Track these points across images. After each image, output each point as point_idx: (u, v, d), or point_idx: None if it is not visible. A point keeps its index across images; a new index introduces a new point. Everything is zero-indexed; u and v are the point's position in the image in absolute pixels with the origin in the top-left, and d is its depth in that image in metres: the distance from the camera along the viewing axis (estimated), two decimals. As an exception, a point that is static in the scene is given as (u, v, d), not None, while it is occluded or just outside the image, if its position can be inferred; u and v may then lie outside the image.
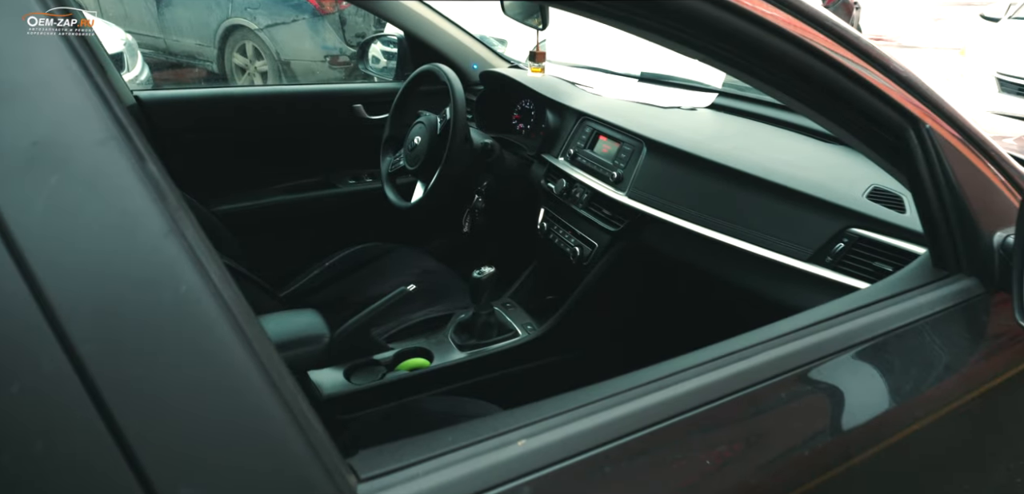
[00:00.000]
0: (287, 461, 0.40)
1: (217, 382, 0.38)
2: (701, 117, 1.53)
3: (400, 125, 1.75)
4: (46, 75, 0.36)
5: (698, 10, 0.63)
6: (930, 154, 0.79)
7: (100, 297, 0.35)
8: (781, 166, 1.21)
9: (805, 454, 0.63)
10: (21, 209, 0.34)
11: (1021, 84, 4.08)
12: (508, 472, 0.47)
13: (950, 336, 0.79)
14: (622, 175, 1.44)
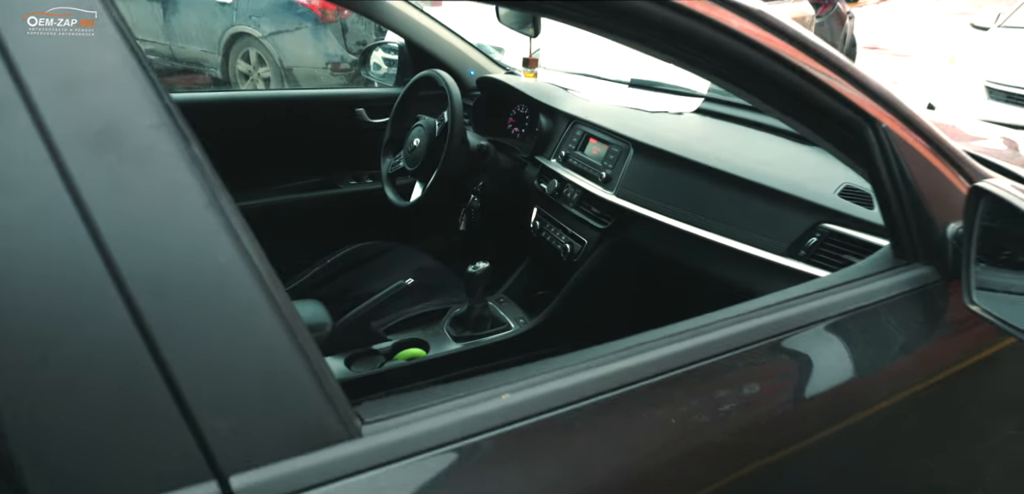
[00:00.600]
0: (305, 404, 0.47)
1: (247, 333, 0.45)
2: (687, 121, 1.61)
3: (400, 128, 1.83)
4: (111, 69, 0.43)
5: (661, 16, 0.70)
6: (887, 151, 0.86)
7: (153, 255, 0.42)
8: (760, 166, 1.28)
9: (764, 421, 0.70)
10: (92, 182, 0.41)
11: (1009, 91, 4.16)
12: (492, 421, 0.54)
13: (906, 319, 0.86)
14: (610, 175, 1.51)
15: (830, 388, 0.76)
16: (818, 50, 0.81)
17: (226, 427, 0.44)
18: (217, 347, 0.44)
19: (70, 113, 0.42)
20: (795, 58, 0.79)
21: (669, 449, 0.63)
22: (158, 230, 0.43)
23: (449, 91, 1.62)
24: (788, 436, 0.72)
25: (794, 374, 0.75)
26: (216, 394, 0.43)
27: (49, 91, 0.41)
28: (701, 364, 0.67)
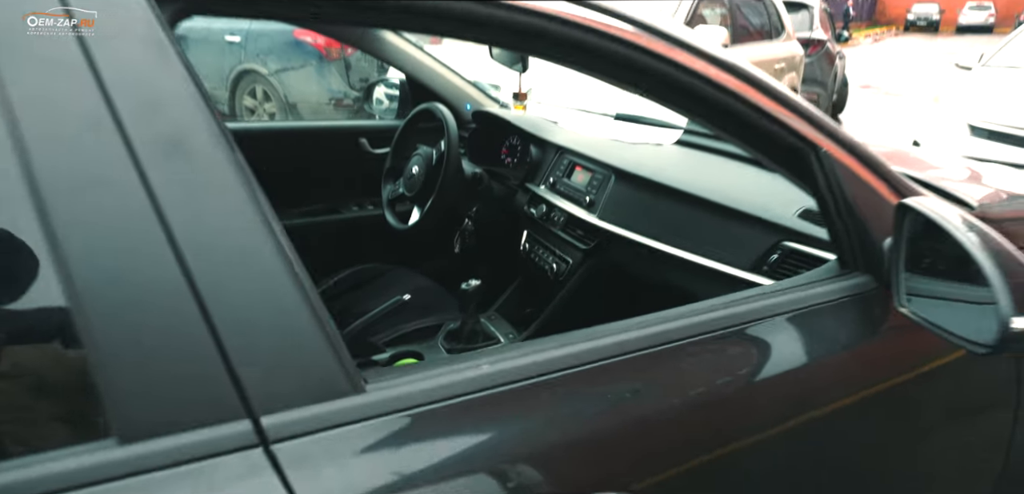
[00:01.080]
0: (320, 363, 0.58)
1: (275, 303, 0.56)
2: (665, 151, 1.73)
3: (400, 157, 1.95)
4: (178, 94, 0.55)
5: (626, 56, 0.82)
6: (828, 174, 0.97)
7: (206, 238, 0.54)
8: (729, 191, 1.39)
9: (713, 399, 0.80)
10: (161, 180, 0.52)
11: (991, 129, 4.29)
12: (473, 385, 0.65)
13: (846, 319, 0.96)
14: (594, 200, 1.63)
15: (775, 374, 0.86)
16: (765, 85, 0.93)
17: (257, 378, 0.54)
18: (252, 313, 0.55)
19: (146, 127, 0.53)
20: (745, 93, 0.91)
21: (622, 413, 0.74)
22: (210, 219, 0.55)
23: (446, 123, 1.75)
24: (734, 413, 0.83)
25: (743, 360, 0.86)
26: (250, 351, 0.54)
27: (131, 109, 0.53)
28: (657, 348, 0.78)
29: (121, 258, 0.51)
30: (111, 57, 0.54)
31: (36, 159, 0.50)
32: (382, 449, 0.59)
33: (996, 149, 4.16)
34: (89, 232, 0.51)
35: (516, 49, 1.69)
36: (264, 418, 0.55)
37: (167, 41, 0.57)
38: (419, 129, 1.94)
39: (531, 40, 0.81)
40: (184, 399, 0.52)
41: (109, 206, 0.52)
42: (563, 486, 0.67)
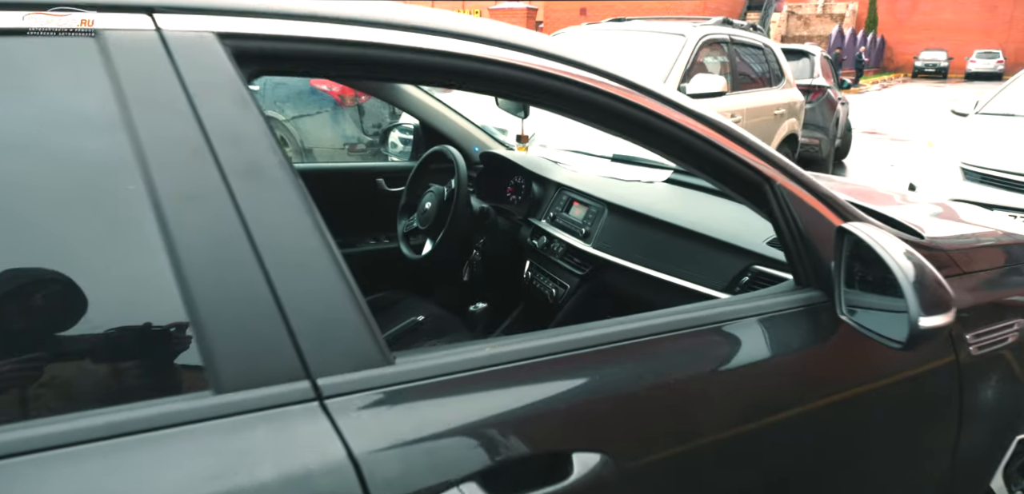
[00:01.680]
0: (359, 339, 0.75)
1: (326, 289, 0.74)
2: (654, 188, 1.91)
3: (414, 194, 2.13)
4: (254, 130, 0.73)
5: (607, 104, 1.00)
6: (781, 204, 1.13)
7: (276, 238, 0.71)
8: (708, 221, 1.56)
9: (684, 382, 0.96)
10: (244, 194, 0.70)
11: (982, 173, 4.44)
12: (478, 363, 0.82)
13: (798, 325, 1.12)
14: (589, 231, 1.80)
15: (736, 366, 1.02)
16: (725, 128, 1.11)
17: (314, 349, 0.72)
18: (310, 298, 0.73)
19: (233, 156, 0.71)
20: (708, 134, 1.08)
21: (604, 389, 0.90)
22: (277, 224, 0.72)
23: (456, 163, 1.93)
24: (701, 393, 0.99)
25: (710, 352, 1.02)
26: (309, 328, 0.72)
27: (222, 143, 0.71)
28: (638, 339, 0.94)
29: (215, 252, 0.69)
30: (208, 106, 0.72)
31: (157, 178, 0.68)
32: (406, 405, 0.76)
33: (987, 192, 4.31)
34: (193, 233, 0.68)
35: (518, 100, 1.88)
36: (319, 379, 0.72)
37: (247, 94, 0.75)
38: (431, 169, 2.13)
39: (531, 93, 0.99)
40: (261, 362, 0.70)
41: (207, 213, 0.70)
42: (551, 444, 0.83)
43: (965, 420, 1.31)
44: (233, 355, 0.69)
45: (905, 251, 1.01)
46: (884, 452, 1.23)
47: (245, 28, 0.78)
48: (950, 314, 0.97)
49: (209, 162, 0.71)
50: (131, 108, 0.70)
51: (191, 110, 0.72)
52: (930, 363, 1.24)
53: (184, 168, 0.71)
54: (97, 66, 0.71)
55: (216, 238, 0.70)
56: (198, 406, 0.67)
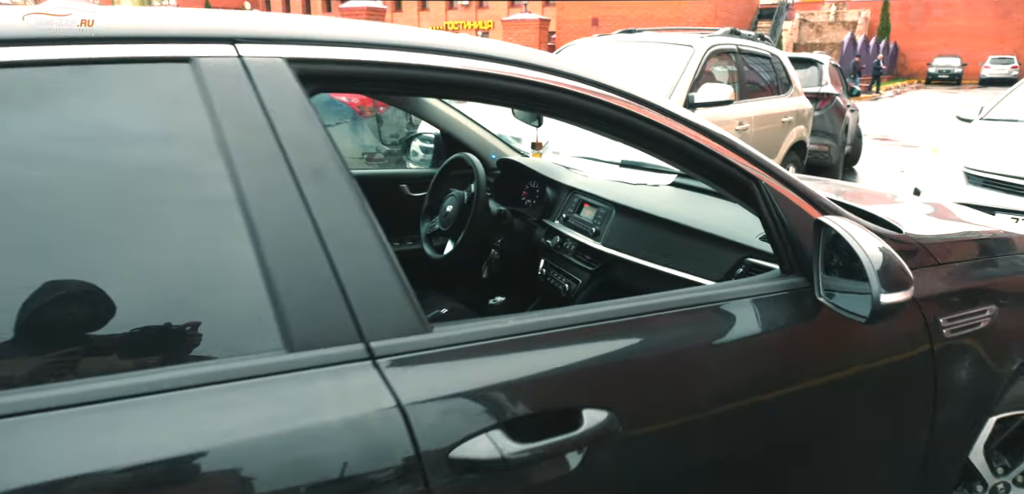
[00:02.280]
0: (403, 310, 0.90)
1: (376, 266, 0.89)
2: (659, 191, 2.05)
3: (436, 198, 2.30)
4: (319, 139, 0.90)
5: (608, 113, 1.15)
6: (768, 201, 1.28)
7: (337, 225, 0.87)
8: (707, 220, 1.71)
9: (681, 349, 1.11)
10: (312, 194, 0.86)
11: (986, 177, 4.54)
12: (502, 333, 0.97)
13: (783, 307, 1.26)
14: (599, 230, 1.96)
15: (729, 340, 1.17)
16: (717, 135, 1.26)
17: (367, 318, 0.87)
18: (364, 276, 0.88)
19: (301, 160, 0.88)
20: (700, 140, 1.23)
21: (610, 356, 1.05)
22: (338, 216, 0.88)
23: (475, 169, 2.09)
24: (696, 361, 1.13)
25: (706, 327, 1.17)
26: (363, 300, 0.87)
27: (294, 149, 0.88)
28: (643, 315, 1.10)
29: (288, 238, 0.85)
30: (281, 118, 0.89)
31: (243, 178, 0.84)
32: (443, 365, 0.92)
33: (990, 195, 4.42)
34: (270, 222, 0.85)
35: (534, 112, 2.04)
36: (372, 342, 0.87)
37: (310, 108, 0.91)
38: (452, 175, 2.29)
39: (546, 105, 1.15)
40: (324, 327, 0.85)
41: (282, 206, 0.86)
42: (564, 400, 0.98)
43: (940, 398, 1.44)
44: (302, 321, 0.85)
45: (871, 239, 1.15)
46: (865, 425, 1.37)
47: (307, 54, 0.95)
48: (908, 293, 1.12)
49: (282, 165, 0.88)
50: (221, 121, 0.87)
51: (267, 122, 0.89)
52: (906, 342, 1.38)
53: (263, 170, 0.87)
54: (193, 88, 0.87)
55: (289, 226, 0.86)
56: (275, 361, 0.83)
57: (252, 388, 0.81)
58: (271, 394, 0.82)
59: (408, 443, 0.86)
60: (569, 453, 0.97)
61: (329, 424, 0.83)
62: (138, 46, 0.87)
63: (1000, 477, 1.77)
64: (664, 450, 1.09)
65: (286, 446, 0.80)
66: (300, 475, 0.80)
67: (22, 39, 0.80)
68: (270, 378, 0.82)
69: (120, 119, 0.85)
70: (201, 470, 0.76)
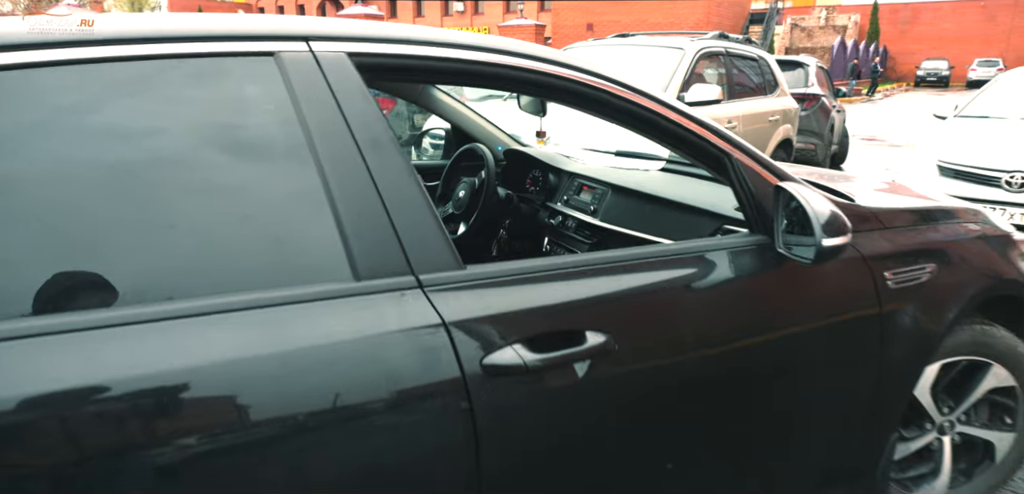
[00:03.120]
0: (442, 250, 1.16)
1: (421, 217, 1.15)
2: (651, 174, 2.32)
3: (449, 186, 2.56)
4: (376, 117, 1.16)
5: (594, 95, 1.41)
6: (738, 173, 1.54)
7: (391, 182, 1.13)
8: (691, 195, 1.97)
9: (663, 288, 1.37)
10: (372, 160, 1.12)
11: (955, 169, 4.84)
12: (521, 271, 1.23)
13: (750, 257, 1.52)
14: (597, 208, 2.22)
15: (707, 283, 1.43)
16: (693, 117, 1.52)
17: (416, 257, 1.13)
18: (412, 222, 1.14)
19: (363, 134, 1.13)
20: (680, 121, 1.49)
21: (608, 292, 1.30)
22: (391, 174, 1.14)
23: (485, 159, 2.36)
24: (679, 298, 1.39)
25: (688, 272, 1.43)
26: (413, 242, 1.13)
27: (357, 124, 1.13)
28: (636, 261, 1.36)
29: (355, 194, 1.10)
30: (347, 102, 1.14)
31: (319, 148, 1.10)
32: (475, 293, 1.17)
33: (959, 186, 4.71)
34: (341, 182, 1.10)
35: (542, 97, 2.31)
36: (420, 275, 1.13)
37: (367, 93, 1.17)
38: (463, 165, 2.56)
39: (549, 92, 1.41)
40: (383, 262, 1.10)
41: (349, 169, 1.11)
42: (572, 324, 1.24)
43: (886, 340, 1.70)
44: (367, 257, 1.10)
45: (817, 198, 1.42)
46: (822, 361, 1.62)
47: (363, 49, 1.21)
48: (845, 237, 1.38)
49: (348, 136, 1.13)
50: (300, 103, 1.12)
51: (336, 104, 1.14)
52: (857, 291, 1.64)
53: (334, 141, 1.12)
54: (277, 79, 1.13)
55: (355, 185, 1.12)
56: (346, 287, 1.08)
57: (333, 305, 1.06)
58: (347, 310, 1.07)
59: (451, 351, 1.11)
60: (576, 363, 1.22)
61: (392, 332, 1.08)
62: (237, 43, 1.13)
63: (945, 416, 2.04)
64: (650, 367, 1.34)
65: (360, 347, 1.06)
66: (371, 368, 1.06)
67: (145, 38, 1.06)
68: (345, 299, 1.07)
69: (227, 99, 1.11)
70: (300, 361, 1.02)
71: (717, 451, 1.50)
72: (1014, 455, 2.13)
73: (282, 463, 0.98)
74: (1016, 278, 2.06)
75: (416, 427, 1.08)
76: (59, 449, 0.86)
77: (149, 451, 0.90)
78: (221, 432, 0.95)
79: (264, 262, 1.07)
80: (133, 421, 0.90)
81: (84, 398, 0.88)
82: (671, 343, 1.37)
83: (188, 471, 0.93)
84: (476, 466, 1.12)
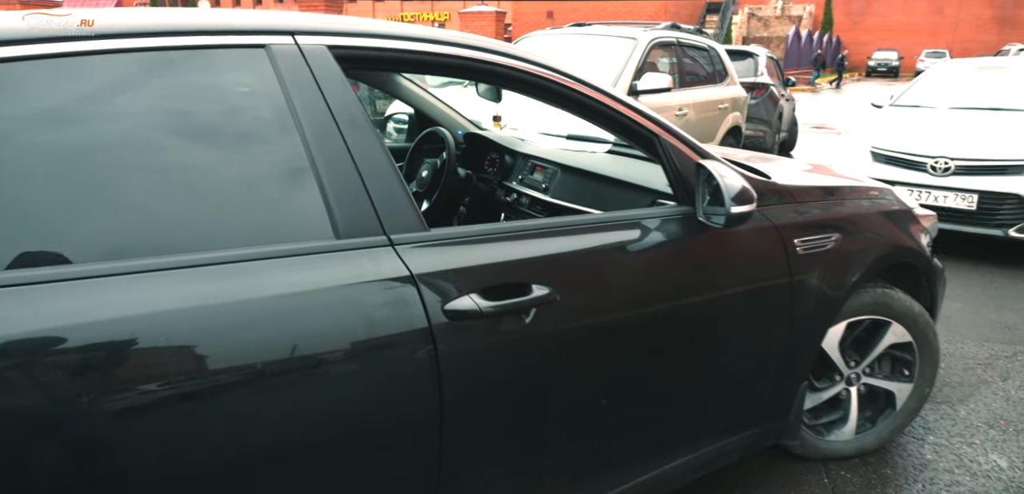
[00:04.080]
0: (410, 215, 1.37)
1: (393, 186, 1.36)
2: (598, 156, 2.55)
3: (413, 166, 2.75)
4: (352, 100, 1.36)
5: (537, 82, 1.63)
6: (666, 152, 1.78)
7: (366, 156, 1.34)
8: (631, 173, 2.21)
9: (599, 247, 1.60)
10: (349, 135, 1.33)
11: (886, 155, 5.20)
12: (479, 233, 1.45)
13: (676, 224, 1.76)
14: (548, 186, 2.44)
15: (640, 246, 1.66)
16: (626, 101, 1.75)
17: (388, 219, 1.33)
18: (385, 191, 1.34)
19: (341, 113, 1.33)
20: (616, 107, 1.72)
21: (551, 251, 1.53)
22: (367, 149, 1.34)
23: (446, 141, 2.56)
24: (612, 257, 1.62)
25: (622, 235, 1.65)
26: (384, 207, 1.33)
27: (336, 106, 1.33)
28: (578, 225, 1.58)
29: (336, 165, 1.30)
30: (328, 87, 1.34)
31: (305, 125, 1.29)
32: (438, 250, 1.38)
33: (889, 170, 5.07)
34: (324, 155, 1.29)
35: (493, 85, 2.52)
36: (391, 235, 1.33)
37: (345, 80, 1.37)
38: (426, 147, 2.75)
39: (501, 81, 1.63)
40: (359, 223, 1.30)
41: (330, 144, 1.30)
42: (520, 277, 1.46)
43: (795, 298, 1.97)
44: (346, 219, 1.30)
45: (730, 174, 1.66)
46: (740, 315, 1.88)
47: (342, 43, 1.40)
48: (750, 206, 1.63)
49: (328, 115, 1.33)
50: (289, 88, 1.32)
51: (318, 89, 1.34)
52: (769, 255, 1.90)
53: (317, 119, 1.32)
54: (267, 67, 1.32)
55: (336, 157, 1.31)
56: (329, 244, 1.28)
57: (319, 259, 1.26)
58: (331, 263, 1.27)
59: (417, 299, 1.32)
60: (523, 312, 1.44)
61: (368, 282, 1.29)
62: (235, 37, 1.31)
63: (852, 369, 2.33)
64: (588, 315, 1.57)
65: (343, 294, 1.26)
66: (351, 309, 1.26)
67: (161, 31, 1.24)
68: (329, 254, 1.27)
69: (227, 84, 1.30)
70: (294, 303, 1.21)
71: (646, 390, 1.75)
72: (912, 403, 2.44)
73: (276, 388, 1.18)
74: (914, 247, 2.35)
75: (389, 360, 1.29)
76: (100, 378, 1.04)
77: (176, 374, 1.09)
78: (231, 359, 1.14)
79: (263, 222, 1.26)
80: (164, 350, 1.09)
81: (128, 328, 1.06)
82: (606, 296, 1.60)
83: (207, 394, 1.12)
84: (439, 393, 1.33)
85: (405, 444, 1.34)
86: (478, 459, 1.46)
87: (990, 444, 2.54)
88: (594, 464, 1.69)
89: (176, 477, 1.11)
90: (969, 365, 3.22)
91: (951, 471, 2.37)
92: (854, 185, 2.34)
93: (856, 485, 2.29)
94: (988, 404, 2.85)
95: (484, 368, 1.42)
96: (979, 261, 4.89)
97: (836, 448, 2.39)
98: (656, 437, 1.82)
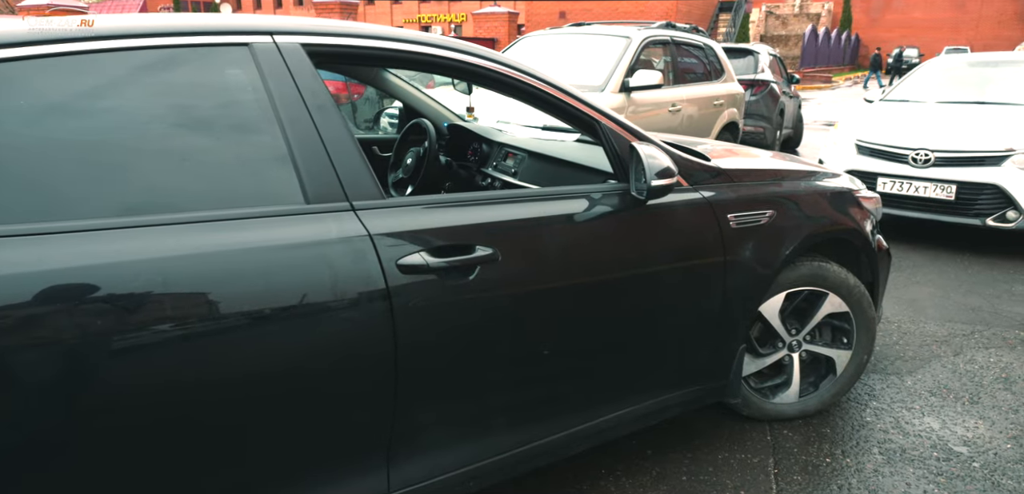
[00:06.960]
0: (369, 183, 1.62)
1: (354, 157, 1.61)
2: (565, 144, 2.80)
3: (399, 155, 3.02)
4: (321, 89, 1.63)
5: (486, 72, 1.88)
6: (605, 135, 2.02)
7: (333, 136, 1.60)
8: (586, 157, 2.45)
9: (544, 215, 1.85)
10: (317, 117, 1.59)
11: (870, 147, 5.37)
12: (433, 201, 1.70)
13: (614, 198, 2.00)
14: (517, 171, 2.69)
15: (564, 215, 1.91)
16: (570, 92, 1.99)
17: (351, 189, 1.59)
18: (349, 164, 1.60)
19: (312, 100, 1.59)
20: (561, 97, 1.97)
21: (497, 218, 1.77)
22: (333, 129, 1.59)
23: (427, 132, 2.82)
24: (558, 225, 1.86)
25: (567, 206, 1.89)
26: (348, 177, 1.59)
27: (307, 92, 1.59)
28: (527, 196, 1.83)
29: (305, 141, 1.55)
30: (301, 79, 1.60)
31: (281, 110, 1.55)
32: (395, 214, 1.63)
33: (873, 162, 5.25)
34: (297, 134, 1.55)
35: (456, 79, 2.77)
36: (353, 201, 1.59)
37: (315, 72, 1.63)
38: (411, 137, 3.02)
39: (458, 75, 1.88)
40: (326, 191, 1.56)
41: (302, 125, 1.56)
42: (467, 239, 1.70)
43: (728, 268, 2.19)
44: (314, 187, 1.55)
45: (658, 154, 1.90)
46: (674, 281, 2.11)
47: (313, 41, 1.66)
48: (669, 180, 1.87)
49: (300, 102, 1.59)
50: (268, 80, 1.58)
51: (292, 79, 1.60)
52: (704, 227, 2.13)
53: (291, 104, 1.58)
54: (250, 62, 1.58)
55: (306, 136, 1.57)
56: (300, 208, 1.53)
57: (292, 219, 1.52)
58: (302, 223, 1.52)
59: (374, 254, 1.57)
60: (468, 269, 1.69)
61: (332, 240, 1.54)
62: (221, 37, 1.58)
63: (793, 336, 2.55)
64: (527, 275, 1.81)
65: (311, 250, 1.51)
66: (319, 263, 1.51)
67: (156, 32, 1.51)
68: (300, 216, 1.53)
69: (216, 77, 1.56)
70: (272, 256, 1.47)
71: (584, 346, 1.98)
72: (851, 369, 2.65)
73: (257, 323, 1.44)
74: (850, 226, 2.57)
75: (350, 307, 1.54)
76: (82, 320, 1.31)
77: (163, 317, 1.35)
78: (213, 305, 1.40)
79: (246, 189, 1.52)
80: (154, 295, 1.35)
81: (140, 270, 1.32)
82: (544, 258, 1.84)
83: (194, 336, 1.38)
84: (393, 337, 1.58)
85: (364, 383, 1.59)
86: (430, 398, 1.71)
87: (928, 409, 2.75)
88: (539, 408, 1.94)
89: (165, 387, 1.37)
90: (926, 342, 3.41)
91: (886, 431, 2.58)
92: (796, 169, 2.56)
93: (796, 442, 2.51)
94: (935, 375, 3.05)
95: (433, 317, 1.66)
96: (959, 250, 5.05)
97: (780, 410, 2.61)
98: (597, 388, 2.05)
